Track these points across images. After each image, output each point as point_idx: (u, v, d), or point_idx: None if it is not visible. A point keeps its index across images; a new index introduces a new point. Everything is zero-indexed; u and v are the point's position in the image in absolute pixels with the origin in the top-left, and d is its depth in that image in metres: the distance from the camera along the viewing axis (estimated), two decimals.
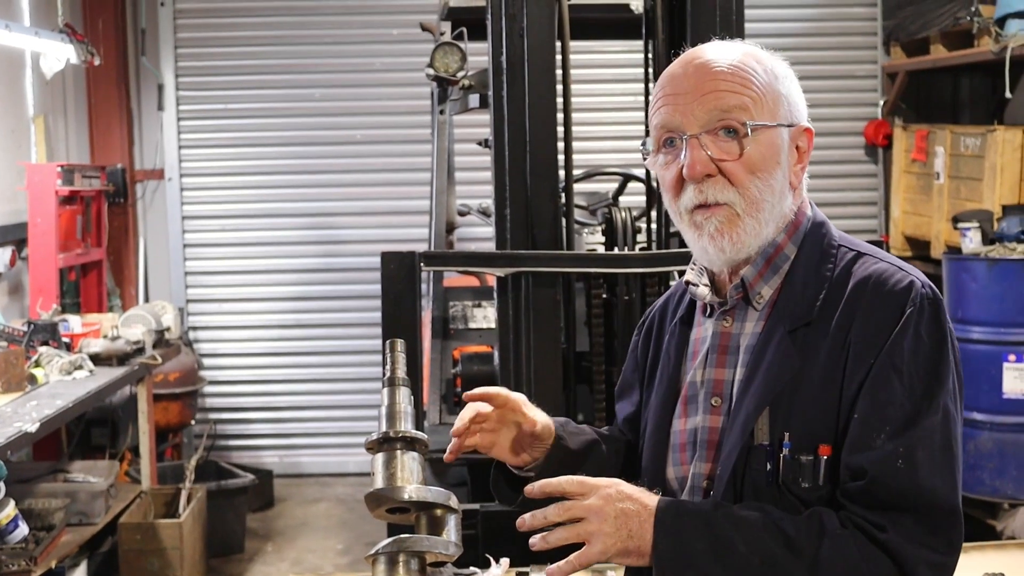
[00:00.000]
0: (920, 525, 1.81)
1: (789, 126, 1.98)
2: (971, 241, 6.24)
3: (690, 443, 2.03)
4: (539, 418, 2.16)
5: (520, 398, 2.16)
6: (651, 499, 1.86)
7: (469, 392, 2.14)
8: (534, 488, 1.90)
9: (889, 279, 1.90)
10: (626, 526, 1.83)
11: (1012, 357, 5.99)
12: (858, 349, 1.86)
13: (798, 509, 1.86)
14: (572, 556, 1.82)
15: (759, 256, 1.98)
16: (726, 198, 1.93)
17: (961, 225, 6.35)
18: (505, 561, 3.23)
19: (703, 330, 2.07)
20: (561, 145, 4.25)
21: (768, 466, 1.88)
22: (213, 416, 8.49)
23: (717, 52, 1.98)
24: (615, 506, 1.83)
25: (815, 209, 2.07)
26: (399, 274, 4.12)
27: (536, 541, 1.84)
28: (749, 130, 1.91)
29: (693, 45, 2.05)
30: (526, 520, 1.86)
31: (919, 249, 7.80)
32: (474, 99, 5.31)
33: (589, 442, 2.23)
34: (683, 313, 2.14)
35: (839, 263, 1.97)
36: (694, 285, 2.08)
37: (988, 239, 6.24)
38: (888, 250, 7.92)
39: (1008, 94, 6.59)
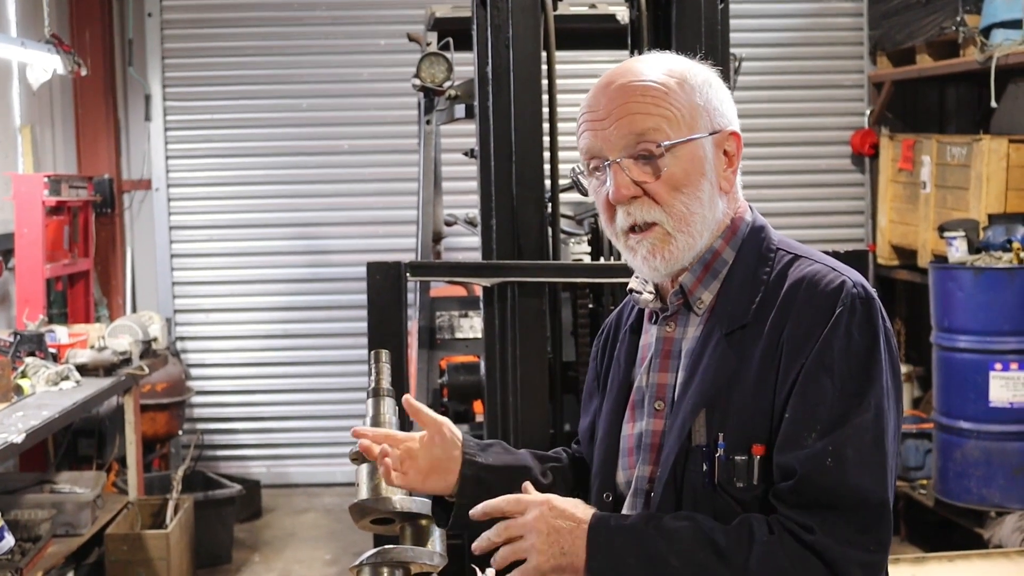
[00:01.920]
0: (849, 524, 1.81)
1: (712, 134, 1.97)
2: (957, 250, 6.26)
3: (636, 447, 2.05)
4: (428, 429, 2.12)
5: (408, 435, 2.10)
6: (584, 513, 1.90)
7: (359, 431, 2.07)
8: (476, 511, 1.93)
9: (821, 280, 1.92)
10: (558, 543, 1.87)
11: (998, 366, 6.01)
12: (790, 349, 1.88)
13: (735, 510, 1.89)
14: (511, 574, 1.87)
15: (697, 263, 2.01)
16: (653, 217, 1.96)
17: (947, 234, 6.37)
18: (491, 572, 3.24)
19: (649, 336, 2.10)
20: (547, 155, 4.25)
21: (704, 467, 1.91)
22: (200, 426, 8.47)
23: (633, 72, 1.99)
24: (548, 522, 1.87)
25: (754, 213, 2.08)
26: (385, 284, 4.13)
27: (492, 564, 1.89)
28: (665, 150, 1.94)
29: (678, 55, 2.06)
30: (477, 545, 1.91)
31: (906, 258, 7.82)
32: (460, 109, 5.31)
33: (513, 461, 2.18)
34: (633, 321, 2.17)
35: (776, 266, 1.99)
36: (638, 293, 2.10)
37: (974, 248, 6.26)
38: (875, 259, 8.03)
39: (994, 103, 6.62)
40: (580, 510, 1.90)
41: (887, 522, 1.85)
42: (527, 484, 1.99)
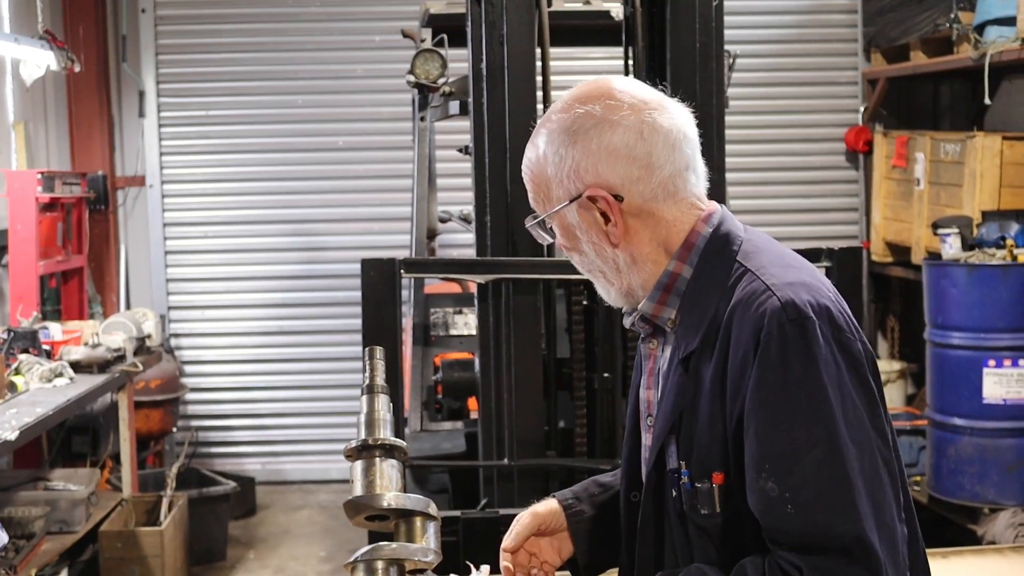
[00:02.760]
0: (832, 560, 1.74)
1: (574, 199, 1.94)
2: (951, 247, 6.26)
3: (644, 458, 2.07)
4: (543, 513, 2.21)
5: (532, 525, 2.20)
6: None
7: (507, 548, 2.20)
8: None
9: (752, 303, 1.82)
10: None
11: (992, 362, 6.01)
12: (732, 379, 1.82)
13: (703, 536, 1.89)
14: None
15: (655, 288, 1.96)
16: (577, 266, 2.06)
17: (941, 231, 6.37)
18: (485, 568, 3.23)
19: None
20: None
21: (674, 492, 1.91)
22: (195, 423, 8.46)
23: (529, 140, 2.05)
24: None
25: (720, 218, 1.98)
26: (379, 281, 4.13)
27: None
28: (533, 225, 2.02)
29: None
30: None
31: (900, 255, 7.83)
32: (455, 106, 5.31)
33: (608, 497, 2.24)
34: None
35: (731, 280, 1.90)
36: (627, 314, 2.08)
37: (968, 245, 6.26)
38: (869, 256, 8.03)
39: (988, 100, 6.62)
40: None
41: (872, 554, 1.74)
42: None
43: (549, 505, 2.20)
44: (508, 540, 2.17)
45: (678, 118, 1.95)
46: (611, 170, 1.90)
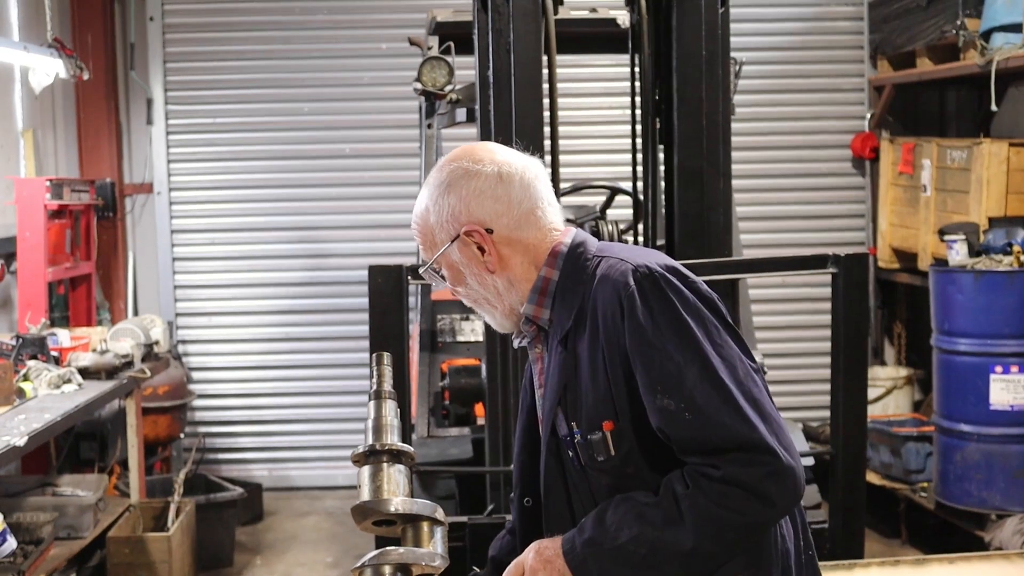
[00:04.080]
0: (741, 452, 2.07)
1: (455, 240, 2.32)
2: (957, 253, 6.27)
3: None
4: None
5: None
6: (554, 550, 2.22)
7: None
8: None
9: (613, 273, 2.22)
10: (554, 572, 2.21)
11: (999, 369, 6.02)
12: (608, 338, 2.18)
13: (605, 482, 2.23)
14: None
15: (532, 292, 2.34)
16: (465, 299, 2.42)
17: (947, 237, 6.37)
18: None
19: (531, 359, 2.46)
20: (548, 158, 4.26)
21: (570, 453, 2.27)
22: (202, 429, 8.48)
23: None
24: (541, 559, 2.22)
25: (576, 233, 2.37)
26: (386, 287, 4.13)
27: None
28: (425, 271, 2.40)
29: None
30: None
31: (906, 261, 7.83)
32: (461, 113, 5.33)
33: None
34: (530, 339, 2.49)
35: (589, 271, 2.28)
36: (514, 338, 2.45)
37: (974, 251, 6.26)
38: (876, 262, 8.03)
39: (994, 107, 6.63)
40: (557, 543, 2.23)
41: (760, 437, 2.07)
42: None
43: None
44: None
45: (529, 167, 2.35)
46: (480, 208, 2.30)
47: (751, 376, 2.16)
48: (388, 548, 1.91)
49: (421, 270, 2.42)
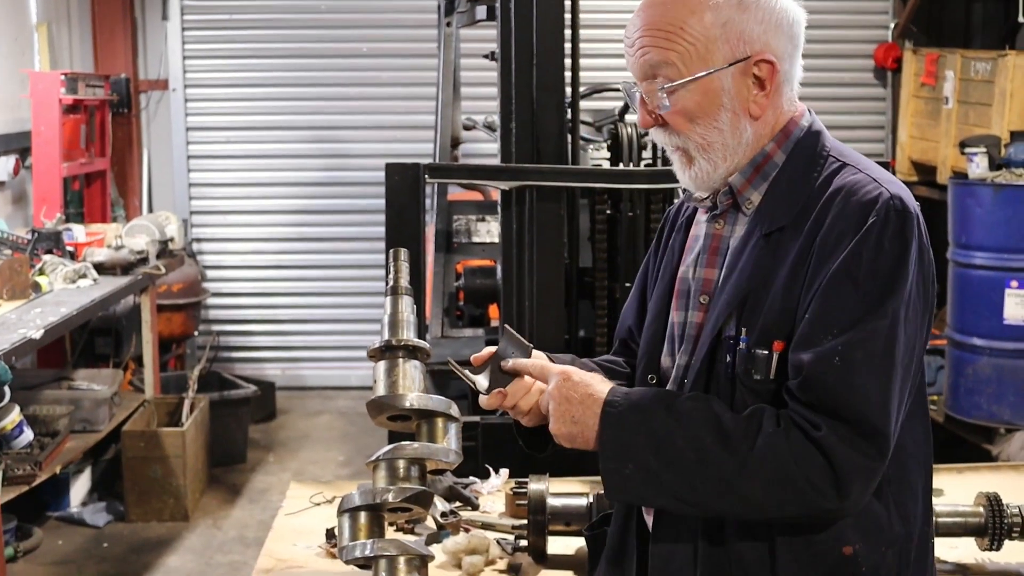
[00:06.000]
0: (852, 427, 1.84)
1: (735, 63, 1.96)
2: (978, 166, 6.21)
3: (678, 336, 2.10)
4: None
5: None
6: (601, 388, 1.99)
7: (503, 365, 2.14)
8: (506, 365, 2.09)
9: (860, 189, 1.94)
10: (569, 411, 1.99)
11: (1014, 283, 5.99)
12: (820, 254, 1.91)
13: (751, 402, 1.94)
14: None
15: (748, 164, 2.02)
16: (676, 143, 2.03)
17: (968, 150, 6.31)
18: (504, 472, 3.28)
19: (699, 230, 2.14)
20: (568, 60, 4.22)
21: (728, 358, 1.97)
22: (216, 328, 8.52)
23: (656, 1, 2.01)
24: (561, 391, 1.99)
25: (812, 117, 2.09)
26: (403, 186, 4.11)
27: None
28: (673, 88, 1.97)
29: None
30: (488, 401, 2.10)
31: (925, 174, 7.77)
32: (481, 11, 5.26)
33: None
34: (689, 212, 2.21)
35: (823, 172, 2.01)
36: (687, 199, 2.16)
37: (995, 165, 6.20)
38: (894, 174, 7.96)
39: (1021, 18, 6.53)
40: (596, 384, 1.99)
41: (888, 431, 1.86)
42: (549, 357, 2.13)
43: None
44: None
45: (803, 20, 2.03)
46: (776, 41, 1.97)
47: (915, 370, 1.94)
48: (403, 443, 1.91)
49: (662, 86, 1.97)
